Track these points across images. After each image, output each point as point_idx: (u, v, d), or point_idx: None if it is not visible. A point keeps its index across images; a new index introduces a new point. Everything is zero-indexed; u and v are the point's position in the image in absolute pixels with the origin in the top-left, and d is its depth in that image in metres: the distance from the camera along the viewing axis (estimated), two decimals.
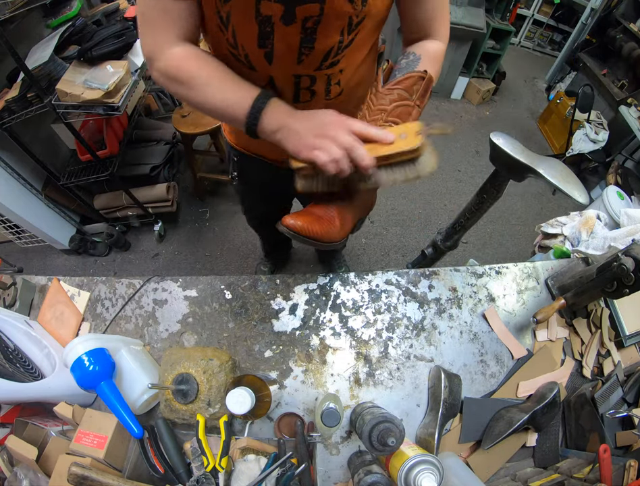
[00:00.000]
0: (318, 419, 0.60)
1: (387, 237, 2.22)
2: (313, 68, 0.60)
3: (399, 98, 0.58)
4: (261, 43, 0.55)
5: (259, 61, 0.58)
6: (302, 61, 0.58)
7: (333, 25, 0.54)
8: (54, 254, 2.09)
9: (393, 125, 0.57)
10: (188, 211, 2.26)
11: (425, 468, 0.54)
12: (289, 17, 0.52)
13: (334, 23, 0.54)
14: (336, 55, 0.59)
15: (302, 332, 0.82)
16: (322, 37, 0.55)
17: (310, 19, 0.52)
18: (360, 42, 0.59)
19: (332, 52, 0.58)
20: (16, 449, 0.64)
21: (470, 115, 3.21)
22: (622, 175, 2.50)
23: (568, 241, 1.17)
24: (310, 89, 0.63)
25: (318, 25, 0.53)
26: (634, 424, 0.76)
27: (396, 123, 0.58)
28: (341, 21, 0.54)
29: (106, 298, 0.85)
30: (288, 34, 0.54)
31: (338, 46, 0.57)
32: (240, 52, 0.58)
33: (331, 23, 0.53)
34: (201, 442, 0.63)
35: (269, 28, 0.53)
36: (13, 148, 1.55)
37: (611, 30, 2.76)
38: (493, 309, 0.85)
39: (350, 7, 0.52)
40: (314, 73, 0.61)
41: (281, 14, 0.51)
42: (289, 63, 0.58)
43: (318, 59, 0.58)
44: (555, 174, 0.82)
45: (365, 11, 0.54)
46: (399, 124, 0.56)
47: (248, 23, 0.53)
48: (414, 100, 0.58)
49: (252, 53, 0.57)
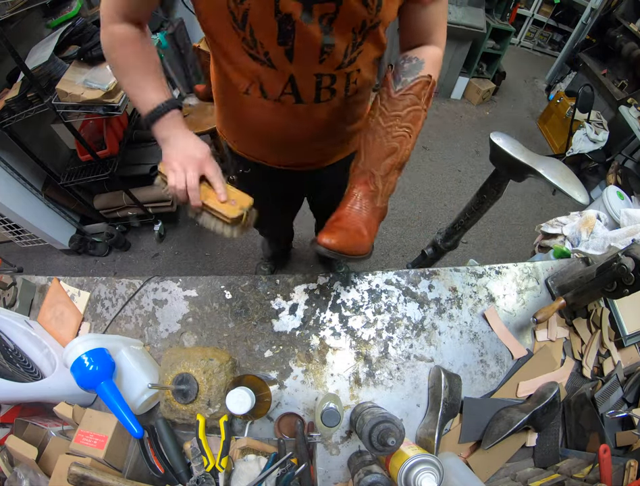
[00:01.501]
0: (318, 419, 0.60)
1: (387, 237, 2.22)
2: (334, 67, 0.61)
3: (411, 103, 0.60)
4: (281, 41, 0.56)
5: (280, 59, 0.59)
6: (323, 60, 0.59)
7: (347, 25, 0.55)
8: (54, 254, 2.09)
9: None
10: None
11: (425, 468, 0.54)
12: (308, 15, 0.52)
13: (347, 23, 0.55)
14: (353, 52, 0.60)
15: (302, 332, 0.82)
16: (338, 35, 0.56)
17: (325, 16, 0.53)
18: (373, 41, 0.61)
19: (349, 50, 0.59)
20: (16, 449, 0.64)
21: (470, 115, 3.21)
22: (622, 175, 2.50)
23: (568, 241, 1.17)
24: (330, 88, 0.64)
25: (333, 23, 0.54)
26: (634, 424, 0.75)
27: (409, 129, 0.60)
28: (355, 22, 0.55)
29: (106, 298, 0.85)
30: (309, 32, 0.54)
31: (353, 43, 0.58)
32: (258, 51, 0.58)
33: (345, 23, 0.55)
34: (201, 442, 0.63)
35: (290, 27, 0.54)
36: (13, 148, 1.54)
37: (611, 30, 2.76)
38: (493, 309, 0.85)
39: (365, 11, 0.54)
40: (335, 72, 0.62)
41: (300, 12, 0.52)
42: (310, 61, 0.59)
43: (339, 58, 0.59)
44: (555, 174, 0.82)
45: (380, 16, 0.55)
46: (238, 194, 0.65)
47: (267, 20, 0.53)
48: (422, 104, 0.60)
49: (273, 50, 0.58)
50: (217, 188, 0.62)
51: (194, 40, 2.24)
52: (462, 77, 3.18)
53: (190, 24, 2.24)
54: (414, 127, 0.61)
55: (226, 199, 0.62)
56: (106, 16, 0.61)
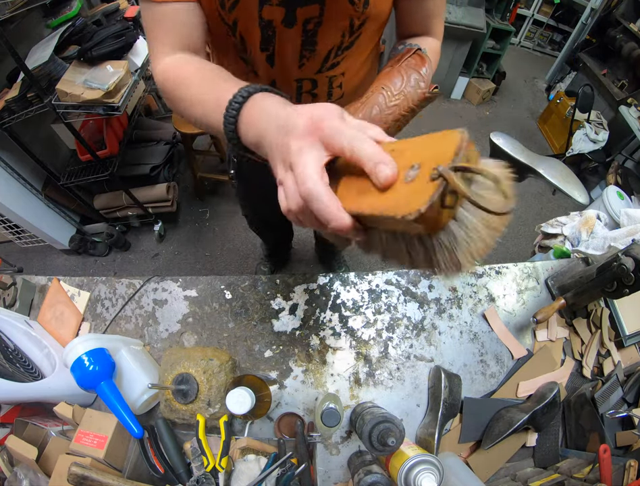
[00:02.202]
0: (318, 419, 0.60)
1: None
2: (314, 71, 0.60)
3: (388, 64, 0.56)
4: (263, 47, 0.56)
5: (262, 65, 0.59)
6: (303, 64, 0.58)
7: (334, 28, 0.54)
8: (54, 254, 2.09)
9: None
10: (188, 211, 2.26)
11: (425, 468, 0.54)
12: (290, 20, 0.52)
13: (335, 25, 0.54)
14: (336, 57, 0.59)
15: (302, 332, 0.82)
16: (322, 40, 0.55)
17: (310, 21, 0.52)
18: (362, 44, 0.59)
19: (332, 53, 0.58)
20: (16, 449, 0.64)
21: (470, 115, 3.21)
22: (622, 175, 2.50)
23: (568, 241, 1.17)
24: (311, 93, 0.63)
25: (319, 28, 0.53)
26: (634, 424, 0.75)
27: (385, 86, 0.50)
28: (343, 23, 0.54)
29: (106, 298, 0.85)
30: (289, 36, 0.54)
31: (338, 47, 0.57)
32: (248, 56, 0.58)
33: (332, 25, 0.53)
34: (201, 442, 0.63)
35: (271, 32, 0.53)
36: (13, 148, 1.54)
37: (611, 30, 2.76)
38: (493, 309, 0.85)
39: (352, 8, 0.51)
40: (315, 77, 0.61)
41: (282, 17, 0.51)
42: (290, 66, 0.58)
43: (319, 62, 0.58)
44: (555, 174, 0.82)
45: (367, 12, 0.53)
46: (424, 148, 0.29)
47: (252, 28, 0.53)
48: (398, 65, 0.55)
49: (257, 57, 0.58)
50: (364, 163, 0.28)
51: None
52: (462, 77, 3.18)
53: None
54: (389, 83, 0.54)
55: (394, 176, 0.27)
56: (153, 58, 0.51)
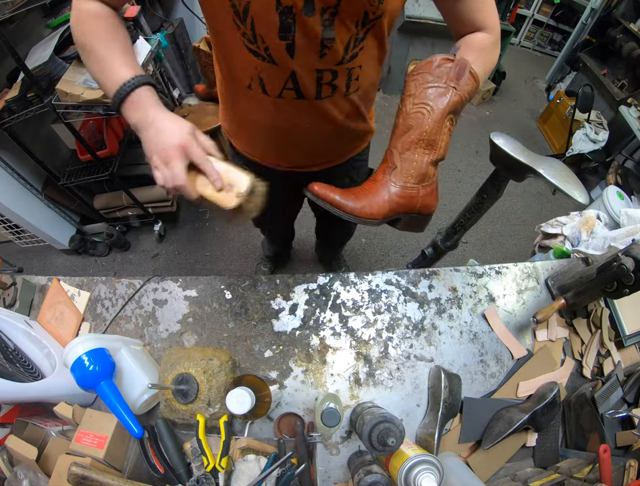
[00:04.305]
0: (318, 419, 0.60)
1: (387, 237, 2.22)
2: (335, 62, 0.60)
3: (423, 81, 0.57)
4: (282, 35, 0.55)
5: (280, 54, 0.58)
6: (324, 55, 0.58)
7: (349, 19, 0.55)
8: (54, 254, 2.09)
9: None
10: (188, 211, 2.26)
11: (425, 468, 0.54)
12: (310, 8, 0.52)
13: (349, 17, 0.54)
14: (354, 48, 0.59)
15: (302, 332, 0.82)
16: (340, 29, 0.55)
17: (327, 10, 0.53)
18: (375, 37, 0.60)
19: (350, 44, 0.58)
20: (16, 449, 0.64)
21: (470, 115, 3.20)
22: (622, 175, 2.50)
23: (568, 241, 1.17)
24: (331, 84, 0.63)
25: (335, 17, 0.54)
26: (634, 424, 0.75)
27: (426, 105, 0.57)
28: (357, 15, 0.55)
29: (106, 298, 0.85)
30: (310, 26, 0.54)
31: (355, 38, 0.58)
32: (259, 46, 0.57)
33: (346, 17, 0.54)
34: (201, 442, 0.63)
35: (291, 20, 0.53)
36: (13, 148, 1.55)
37: (611, 30, 2.76)
38: (493, 309, 0.85)
39: (367, 2, 0.53)
40: (336, 68, 0.61)
41: (302, 5, 0.51)
42: (311, 56, 0.58)
43: (340, 53, 0.59)
44: (555, 174, 0.81)
45: (382, 8, 0.54)
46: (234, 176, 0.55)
47: (269, 14, 0.53)
48: (441, 82, 0.56)
49: (273, 46, 0.57)
50: (208, 175, 0.54)
51: (194, 40, 2.23)
52: None
53: (190, 24, 2.24)
54: (432, 104, 0.57)
55: (221, 186, 0.54)
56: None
